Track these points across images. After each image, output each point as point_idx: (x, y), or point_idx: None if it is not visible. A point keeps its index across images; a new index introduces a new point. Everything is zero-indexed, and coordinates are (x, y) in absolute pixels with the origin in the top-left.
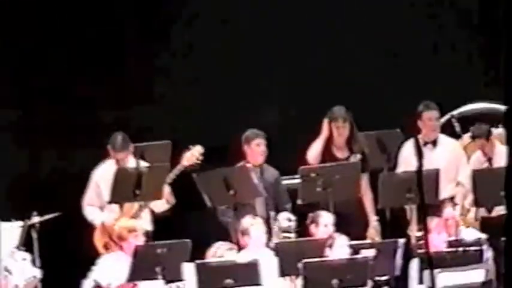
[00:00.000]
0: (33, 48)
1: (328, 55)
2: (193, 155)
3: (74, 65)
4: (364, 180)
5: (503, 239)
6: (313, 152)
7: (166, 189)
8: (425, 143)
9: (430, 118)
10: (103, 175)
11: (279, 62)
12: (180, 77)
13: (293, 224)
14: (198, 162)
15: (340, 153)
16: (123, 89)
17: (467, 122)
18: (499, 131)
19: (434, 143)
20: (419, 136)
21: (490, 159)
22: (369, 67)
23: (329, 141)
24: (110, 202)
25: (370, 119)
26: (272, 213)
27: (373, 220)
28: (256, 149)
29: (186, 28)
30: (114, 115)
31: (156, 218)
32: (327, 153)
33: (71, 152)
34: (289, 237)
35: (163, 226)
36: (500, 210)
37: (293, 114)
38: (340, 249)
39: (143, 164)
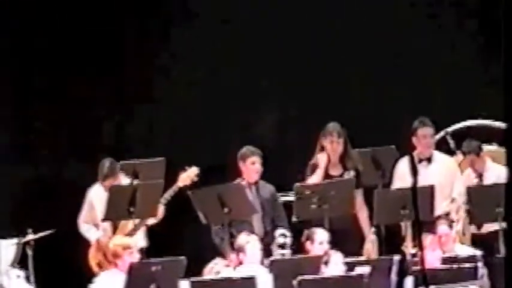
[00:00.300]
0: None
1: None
2: (188, 176)
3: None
4: (359, 196)
5: (498, 255)
6: (314, 181)
7: (161, 208)
8: (420, 160)
9: (424, 135)
10: (97, 194)
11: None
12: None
13: (288, 240)
14: (193, 183)
15: (334, 171)
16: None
17: (462, 138)
18: (491, 148)
19: (429, 159)
20: (414, 153)
21: (480, 175)
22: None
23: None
24: (104, 220)
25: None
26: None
27: (370, 234)
28: (251, 167)
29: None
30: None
31: (152, 234)
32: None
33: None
34: (284, 254)
35: (158, 242)
36: (489, 227)
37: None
38: (335, 266)
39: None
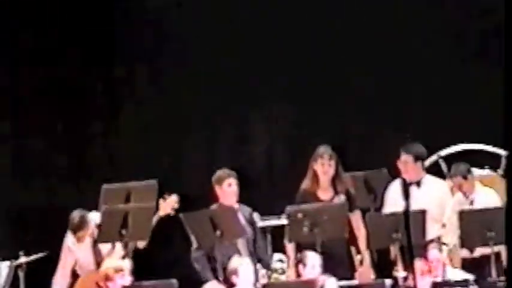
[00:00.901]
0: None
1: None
2: (168, 204)
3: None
4: (356, 217)
5: (489, 279)
6: None
7: None
8: (410, 183)
9: (404, 161)
10: (73, 243)
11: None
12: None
13: (285, 266)
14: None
15: (324, 195)
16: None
17: (454, 162)
18: (483, 172)
19: (418, 183)
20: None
21: (470, 199)
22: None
23: (314, 182)
24: (97, 242)
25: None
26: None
27: (367, 258)
28: (228, 189)
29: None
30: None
31: (142, 257)
32: (310, 195)
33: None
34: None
35: (148, 265)
36: (481, 250)
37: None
38: None
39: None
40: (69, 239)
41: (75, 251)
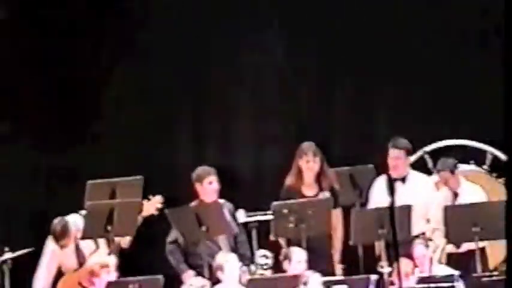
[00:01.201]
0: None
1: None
2: (151, 205)
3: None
4: (337, 214)
5: (474, 274)
6: None
7: None
8: (395, 179)
9: (394, 157)
10: (56, 248)
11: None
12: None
13: (270, 261)
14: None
15: (309, 191)
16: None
17: (440, 157)
18: (468, 168)
19: (403, 179)
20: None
21: (455, 194)
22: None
23: (298, 178)
24: (82, 238)
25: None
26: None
27: (337, 255)
28: (209, 187)
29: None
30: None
31: (126, 253)
32: (295, 192)
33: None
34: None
35: (132, 261)
36: (467, 246)
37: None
38: (314, 287)
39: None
40: (51, 245)
41: (58, 255)
